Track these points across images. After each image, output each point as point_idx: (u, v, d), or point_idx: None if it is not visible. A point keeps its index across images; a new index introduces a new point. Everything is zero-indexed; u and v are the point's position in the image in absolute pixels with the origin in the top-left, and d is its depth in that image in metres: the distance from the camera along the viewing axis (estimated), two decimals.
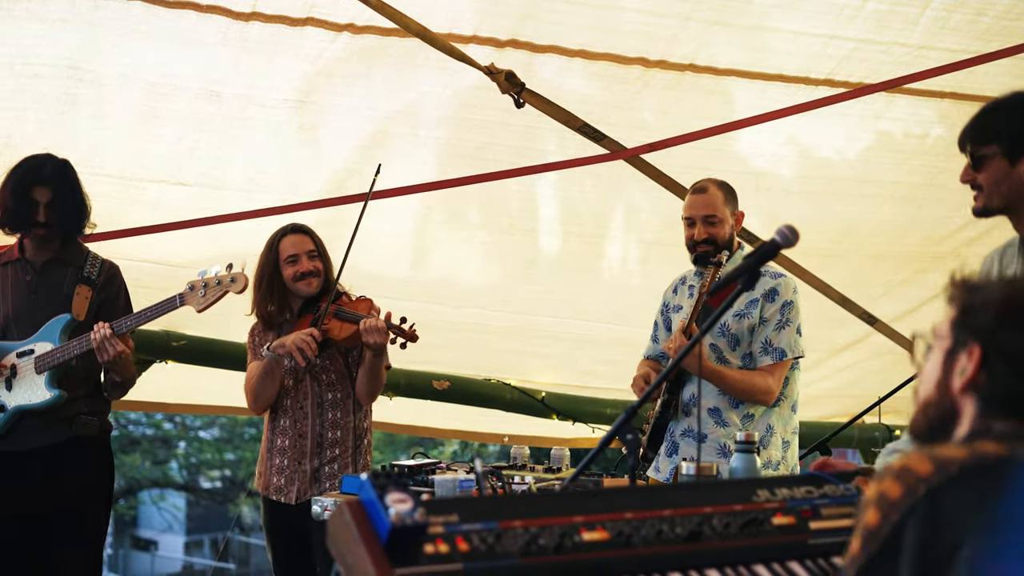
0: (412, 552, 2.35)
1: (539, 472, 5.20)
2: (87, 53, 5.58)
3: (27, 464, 5.04)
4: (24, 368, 5.02)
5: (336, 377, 5.30)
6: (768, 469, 4.94)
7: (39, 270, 5.12)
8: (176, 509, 31.07)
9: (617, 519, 2.57)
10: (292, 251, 5.28)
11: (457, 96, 5.94)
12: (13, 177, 5.04)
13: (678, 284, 5.34)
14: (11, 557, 5.07)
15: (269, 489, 5.31)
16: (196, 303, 4.97)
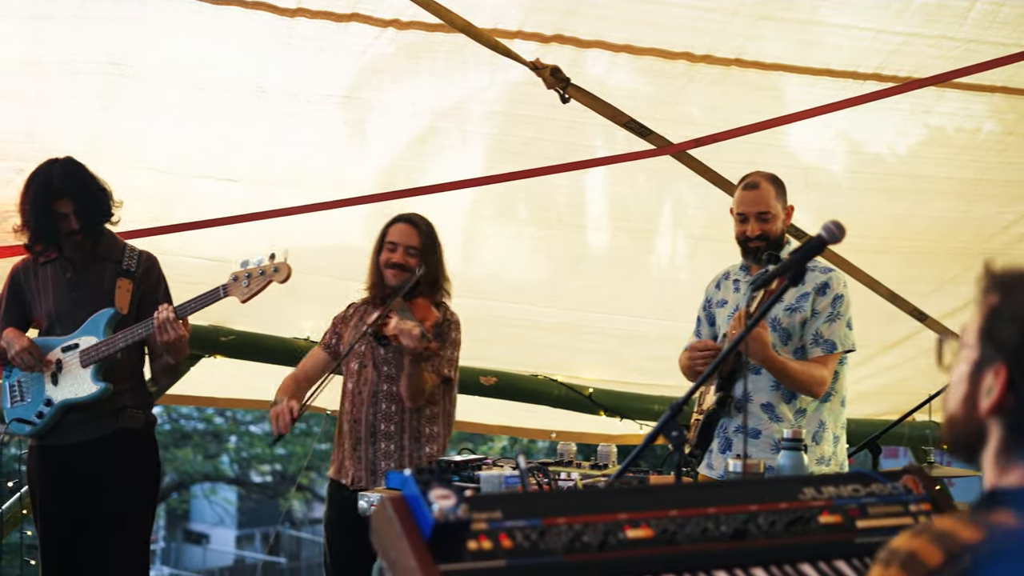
0: (455, 548, 2.35)
1: (585, 468, 5.18)
2: (132, 49, 5.62)
3: (74, 457, 5.10)
4: (69, 363, 5.07)
5: (396, 371, 5.30)
6: (821, 465, 4.92)
7: (78, 267, 5.18)
8: (227, 503, 31.28)
9: (662, 516, 2.55)
10: (394, 238, 5.29)
11: (503, 91, 5.93)
12: (29, 197, 5.10)
13: (721, 279, 5.32)
14: (60, 550, 5.13)
15: (340, 472, 5.34)
16: (240, 293, 4.99)
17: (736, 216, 5.00)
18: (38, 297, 5.21)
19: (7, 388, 5.23)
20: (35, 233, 5.12)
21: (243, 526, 32.01)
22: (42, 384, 5.12)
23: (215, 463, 28.13)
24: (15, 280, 5.27)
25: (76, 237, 5.11)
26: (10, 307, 5.25)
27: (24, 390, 5.16)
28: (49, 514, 5.15)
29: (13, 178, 6.03)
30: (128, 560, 5.16)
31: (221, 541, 32.18)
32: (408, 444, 5.29)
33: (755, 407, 4.96)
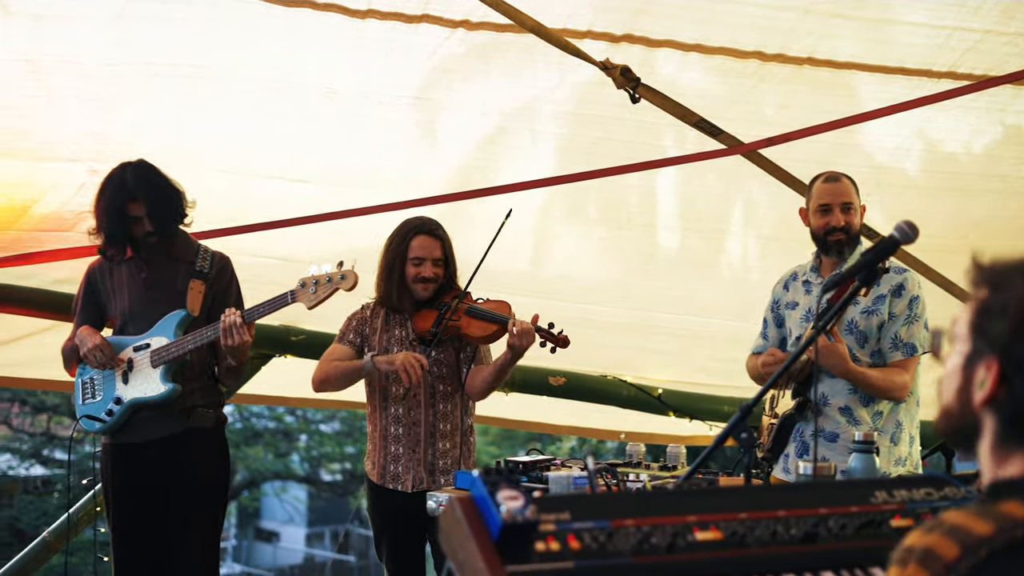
0: (523, 549, 2.34)
1: (654, 470, 5.16)
2: (206, 51, 5.68)
3: (145, 455, 5.17)
4: (140, 362, 5.13)
5: (447, 371, 5.35)
6: (898, 466, 4.92)
7: (153, 267, 5.24)
8: (298, 501, 31.51)
9: (731, 519, 2.53)
10: (420, 253, 5.31)
11: (573, 91, 5.93)
12: (103, 201, 5.16)
13: (788, 280, 5.29)
14: (132, 547, 5.19)
15: (385, 477, 5.36)
16: (307, 300, 5.05)
17: (818, 208, 4.97)
18: (113, 296, 5.27)
19: (79, 385, 5.30)
20: (109, 236, 5.18)
21: (313, 524, 32.23)
22: (113, 382, 5.19)
23: (286, 461, 28.34)
24: (91, 279, 5.34)
25: (150, 239, 5.16)
26: (86, 305, 5.32)
27: (96, 387, 5.23)
28: (121, 511, 5.22)
29: (87, 180, 6.13)
30: (199, 557, 5.22)
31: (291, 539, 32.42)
32: (460, 441, 5.34)
33: (832, 410, 4.94)
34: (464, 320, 5.21)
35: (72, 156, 6.06)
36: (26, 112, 5.87)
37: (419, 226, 5.38)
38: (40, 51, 5.59)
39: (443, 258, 5.36)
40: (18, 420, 24.48)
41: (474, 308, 5.23)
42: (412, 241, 5.34)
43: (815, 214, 4.98)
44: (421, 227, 5.38)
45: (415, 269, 5.32)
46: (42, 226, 6.32)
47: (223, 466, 5.38)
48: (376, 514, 5.49)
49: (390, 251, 5.38)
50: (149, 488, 5.16)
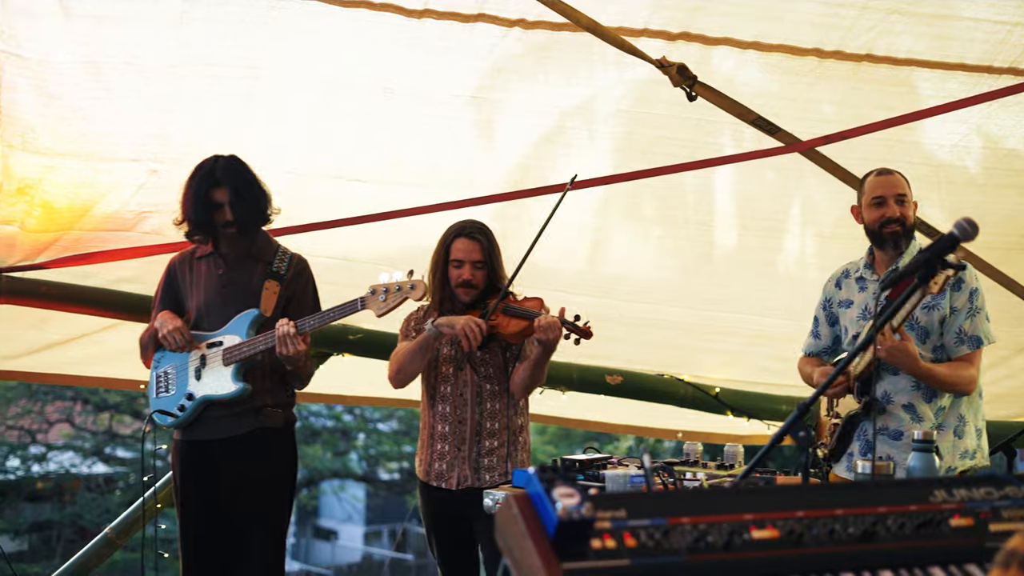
0: (579, 546, 2.34)
1: (711, 468, 5.15)
2: (264, 52, 5.72)
3: (215, 452, 5.22)
4: (213, 359, 5.19)
5: (494, 371, 5.36)
6: (965, 459, 4.91)
7: (231, 264, 5.29)
8: (356, 500, 31.66)
9: (788, 517, 2.52)
10: (460, 256, 5.32)
11: (629, 90, 5.92)
12: (190, 187, 5.21)
13: (840, 278, 5.26)
14: (199, 543, 5.23)
15: (430, 475, 5.38)
16: (376, 308, 5.07)
17: (872, 201, 4.95)
18: (190, 291, 5.33)
19: (154, 378, 5.36)
20: (192, 222, 5.23)
21: (371, 523, 32.36)
22: (186, 378, 5.24)
23: (344, 460, 28.48)
24: (171, 272, 5.41)
25: (229, 229, 5.21)
26: (165, 297, 5.39)
27: (170, 382, 5.29)
28: (190, 506, 5.28)
29: (147, 181, 6.19)
30: (265, 555, 5.25)
31: (349, 537, 32.58)
32: (507, 439, 5.34)
33: (896, 408, 4.92)
34: (501, 319, 5.21)
35: (133, 156, 6.12)
36: (88, 113, 5.93)
37: (460, 229, 5.40)
38: (102, 52, 5.66)
39: (483, 261, 5.35)
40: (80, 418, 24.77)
41: (509, 306, 5.24)
42: (453, 244, 5.36)
43: (869, 208, 4.96)
44: (461, 230, 5.39)
45: (456, 272, 5.33)
46: (103, 226, 6.39)
47: (291, 466, 5.42)
48: (425, 512, 5.52)
49: (435, 254, 5.41)
50: (218, 485, 5.21)
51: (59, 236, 6.35)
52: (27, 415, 24.13)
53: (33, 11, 5.49)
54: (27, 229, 6.27)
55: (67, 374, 7.89)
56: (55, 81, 5.72)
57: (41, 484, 25.01)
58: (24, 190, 6.09)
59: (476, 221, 5.46)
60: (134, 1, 5.53)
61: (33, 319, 6.85)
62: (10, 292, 6.46)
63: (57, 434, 24.84)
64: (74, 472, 24.91)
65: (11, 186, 6.06)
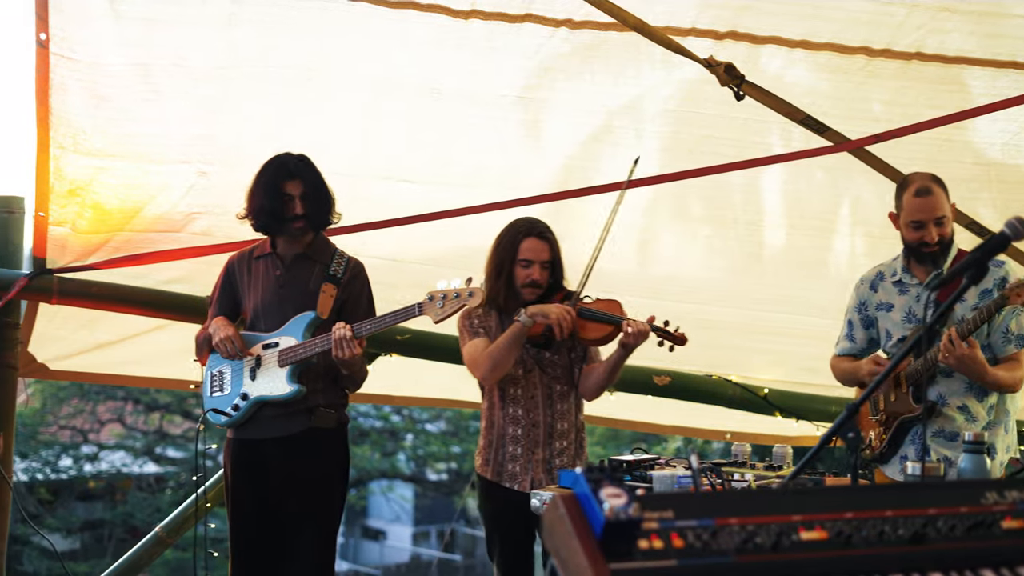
0: (626, 547, 2.33)
1: (759, 469, 5.12)
2: (312, 53, 5.76)
3: (268, 452, 5.24)
4: (268, 360, 5.21)
5: (562, 371, 5.36)
6: (1008, 453, 4.94)
7: (288, 265, 5.30)
8: (404, 500, 31.72)
9: (837, 519, 2.50)
10: (529, 256, 5.30)
11: (676, 89, 5.91)
12: (262, 177, 5.23)
13: (875, 280, 5.23)
14: (250, 541, 5.26)
15: (501, 476, 5.37)
16: (434, 314, 5.05)
17: (910, 224, 4.92)
18: (248, 290, 5.35)
19: (208, 377, 5.39)
20: (261, 212, 5.23)
21: (419, 523, 32.42)
22: (241, 378, 5.27)
23: (392, 460, 28.54)
24: (229, 271, 5.42)
25: (297, 224, 5.23)
26: (223, 296, 5.41)
27: (224, 381, 5.31)
28: (241, 505, 5.30)
29: (196, 182, 6.23)
30: (315, 555, 5.26)
31: (398, 537, 32.65)
32: (575, 440, 5.34)
33: (951, 410, 4.94)
34: (578, 322, 5.20)
35: (182, 158, 6.17)
36: (138, 115, 5.99)
37: (529, 228, 5.37)
38: (151, 55, 5.72)
39: (551, 261, 5.35)
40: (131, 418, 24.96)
41: (586, 310, 5.21)
42: (522, 243, 5.34)
43: (907, 227, 4.95)
44: (531, 229, 5.36)
45: (524, 272, 5.32)
46: (153, 227, 6.44)
47: (342, 467, 5.43)
48: (489, 512, 5.49)
49: (499, 252, 5.38)
50: (269, 484, 5.23)
51: (109, 237, 6.41)
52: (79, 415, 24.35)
53: (85, 14, 5.55)
54: (78, 230, 6.33)
55: (117, 374, 7.93)
56: (106, 83, 5.78)
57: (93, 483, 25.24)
58: (75, 191, 6.15)
59: (541, 221, 5.45)
60: (183, 4, 5.58)
61: (84, 319, 6.90)
62: (61, 293, 6.51)
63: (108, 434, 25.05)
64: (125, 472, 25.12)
65: (62, 188, 6.12)
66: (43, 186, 6.11)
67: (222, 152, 6.06)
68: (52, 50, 5.59)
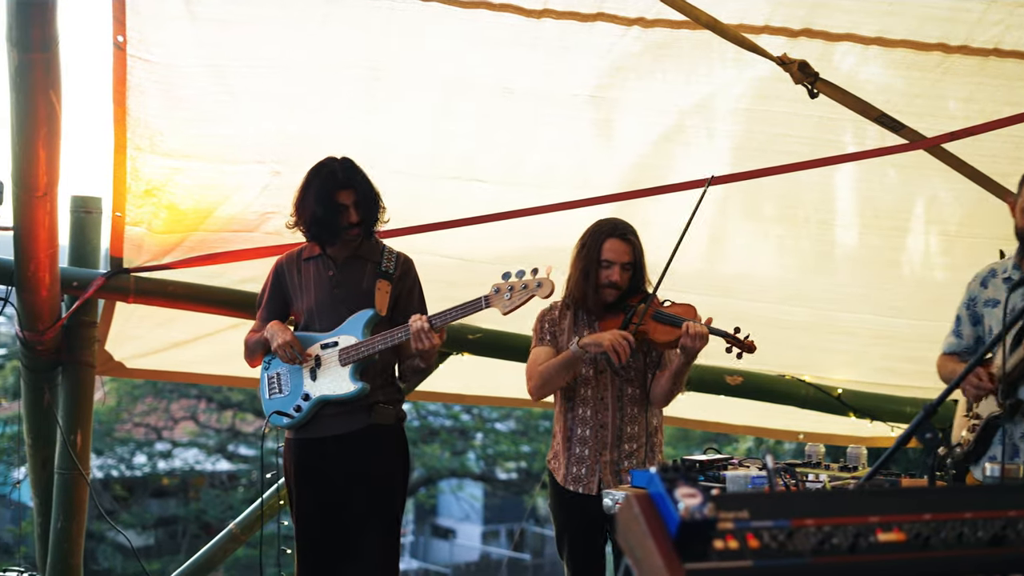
0: (701, 547, 2.33)
1: (834, 470, 5.08)
2: (385, 52, 5.77)
3: (328, 450, 5.25)
4: (328, 359, 5.22)
5: (635, 374, 5.32)
6: None
7: (340, 266, 5.30)
8: (473, 499, 31.80)
9: (915, 520, 2.48)
10: (610, 256, 5.26)
11: (749, 87, 5.87)
12: (313, 188, 5.21)
13: (986, 277, 5.14)
14: (313, 540, 5.28)
15: (567, 479, 5.36)
16: (502, 306, 5.02)
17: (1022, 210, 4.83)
18: (299, 292, 5.35)
19: (265, 380, 5.41)
20: (316, 222, 5.23)
21: (488, 522, 32.48)
22: (300, 378, 5.28)
23: (462, 459, 28.63)
24: (279, 274, 5.43)
25: (352, 231, 5.23)
26: (272, 299, 5.42)
27: (282, 383, 5.33)
28: (304, 505, 5.31)
29: (270, 182, 6.28)
30: (379, 552, 5.27)
31: (467, 536, 32.74)
32: (645, 443, 5.31)
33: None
34: (651, 325, 5.16)
35: (256, 158, 6.22)
36: (213, 115, 6.04)
37: (612, 229, 5.32)
38: (226, 55, 5.76)
39: (632, 263, 5.33)
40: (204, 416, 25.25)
41: (660, 312, 5.19)
42: (604, 244, 5.31)
43: (1020, 213, 4.84)
44: (614, 230, 5.32)
45: (604, 272, 5.30)
46: (227, 227, 6.49)
47: (403, 462, 5.41)
48: (559, 513, 5.49)
49: (583, 252, 5.34)
50: (331, 482, 5.24)
51: (185, 237, 6.47)
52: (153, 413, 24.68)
53: (161, 16, 5.61)
54: (154, 230, 6.40)
55: (192, 372, 8.02)
56: (181, 84, 5.84)
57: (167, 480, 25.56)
58: (151, 192, 6.22)
59: (626, 223, 5.40)
60: (258, 5, 5.62)
61: (160, 318, 6.98)
62: (138, 292, 6.59)
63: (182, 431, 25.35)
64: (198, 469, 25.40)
65: (139, 188, 6.19)
66: (120, 187, 6.18)
67: (296, 152, 6.08)
68: (129, 52, 5.64)
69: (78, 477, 6.64)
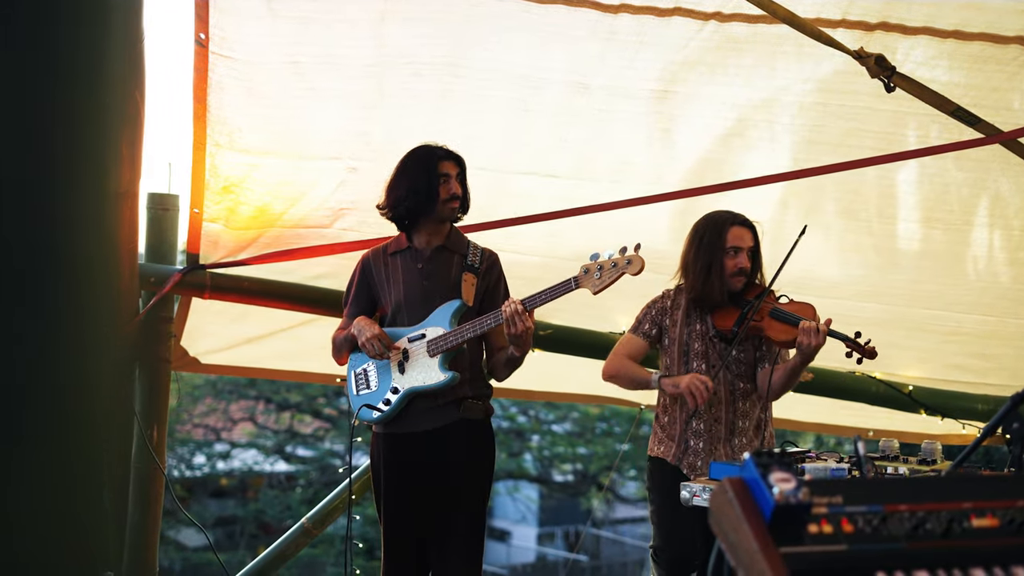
0: (796, 531, 2.35)
1: (912, 464, 5.08)
2: (462, 50, 5.81)
3: (418, 445, 5.26)
4: (416, 352, 5.23)
5: (746, 369, 5.36)
6: None
7: (428, 258, 5.33)
8: (529, 501, 31.74)
9: (1008, 506, 2.49)
10: (737, 243, 5.33)
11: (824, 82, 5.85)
12: (413, 161, 5.27)
13: None
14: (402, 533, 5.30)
15: (682, 462, 5.39)
16: (592, 285, 5.02)
17: None
18: (387, 286, 5.37)
19: (352, 376, 5.42)
20: (415, 194, 5.24)
21: (544, 524, 32.42)
22: (388, 372, 5.29)
23: (518, 461, 28.59)
24: (365, 268, 5.45)
25: (453, 203, 5.27)
26: (360, 293, 5.44)
27: (369, 378, 5.34)
28: (392, 498, 5.32)
29: (346, 178, 6.32)
30: (465, 547, 5.28)
31: (523, 538, 32.68)
32: (755, 437, 5.32)
33: None
34: (767, 321, 5.18)
35: (333, 154, 6.27)
36: (291, 112, 6.10)
37: (732, 218, 5.40)
38: (305, 52, 5.81)
39: (754, 249, 5.37)
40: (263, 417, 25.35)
41: (777, 310, 5.19)
42: (728, 232, 5.35)
43: None
44: (734, 219, 5.39)
45: (732, 261, 5.32)
46: (303, 223, 6.53)
47: (490, 457, 5.41)
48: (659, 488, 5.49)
49: (704, 244, 5.38)
50: (420, 476, 5.25)
51: (261, 233, 6.53)
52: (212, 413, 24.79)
53: (243, 14, 5.67)
54: (230, 227, 6.45)
55: (266, 368, 8.07)
56: (261, 81, 5.89)
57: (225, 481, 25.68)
58: (229, 188, 6.27)
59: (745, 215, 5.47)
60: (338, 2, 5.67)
61: (234, 314, 7.03)
62: (214, 288, 6.64)
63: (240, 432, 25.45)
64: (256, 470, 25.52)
65: (217, 184, 6.24)
66: (198, 183, 6.24)
67: (372, 148, 6.14)
68: (211, 49, 5.71)
69: (155, 471, 6.71)
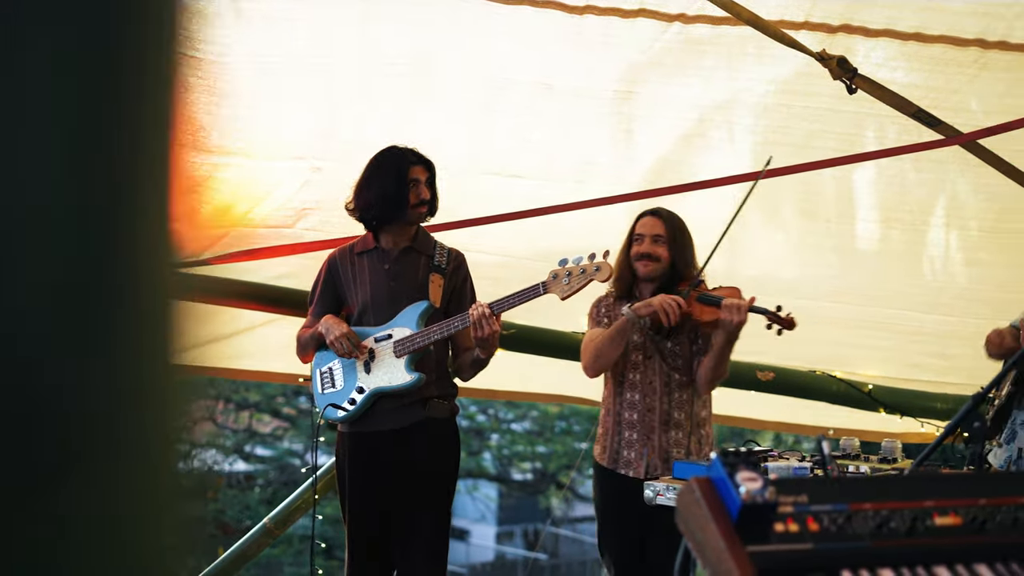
0: (762, 530, 2.37)
1: (873, 462, 5.13)
2: (427, 50, 5.79)
3: (382, 444, 5.28)
4: (382, 352, 5.24)
5: (683, 362, 5.40)
6: None
7: (395, 258, 5.34)
8: (489, 499, 31.75)
9: (971, 505, 2.52)
10: (642, 231, 5.42)
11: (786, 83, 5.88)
12: (383, 165, 5.28)
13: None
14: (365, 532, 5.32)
15: (617, 462, 5.41)
16: (560, 291, 5.08)
17: None
18: (354, 286, 5.38)
19: (317, 375, 5.43)
20: (384, 199, 5.26)
21: (503, 523, 32.44)
22: (354, 372, 5.30)
23: (477, 460, 28.59)
24: (332, 268, 5.45)
25: (421, 208, 5.30)
26: (325, 292, 5.44)
27: (335, 377, 5.35)
28: (356, 497, 5.34)
29: (310, 178, 6.31)
30: (430, 545, 5.31)
31: (482, 537, 32.68)
32: (692, 430, 5.36)
33: None
34: (696, 307, 5.23)
35: (297, 154, 6.25)
36: (255, 112, 6.06)
37: (645, 211, 5.54)
38: (270, 52, 5.78)
39: (664, 236, 5.40)
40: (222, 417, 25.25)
41: (704, 294, 5.25)
42: (637, 223, 5.49)
43: None
44: (646, 211, 5.53)
45: (636, 247, 5.40)
46: (266, 223, 6.52)
47: (455, 457, 5.45)
48: (602, 498, 5.54)
49: (625, 238, 5.53)
50: (385, 476, 5.26)
51: (224, 233, 6.49)
52: None
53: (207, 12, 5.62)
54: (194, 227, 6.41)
55: (229, 368, 8.05)
56: (225, 81, 5.86)
57: None
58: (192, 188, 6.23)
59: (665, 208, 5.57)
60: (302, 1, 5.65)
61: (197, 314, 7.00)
62: None
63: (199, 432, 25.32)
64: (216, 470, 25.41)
65: None
66: None
67: (338, 148, 6.11)
68: None
69: None
